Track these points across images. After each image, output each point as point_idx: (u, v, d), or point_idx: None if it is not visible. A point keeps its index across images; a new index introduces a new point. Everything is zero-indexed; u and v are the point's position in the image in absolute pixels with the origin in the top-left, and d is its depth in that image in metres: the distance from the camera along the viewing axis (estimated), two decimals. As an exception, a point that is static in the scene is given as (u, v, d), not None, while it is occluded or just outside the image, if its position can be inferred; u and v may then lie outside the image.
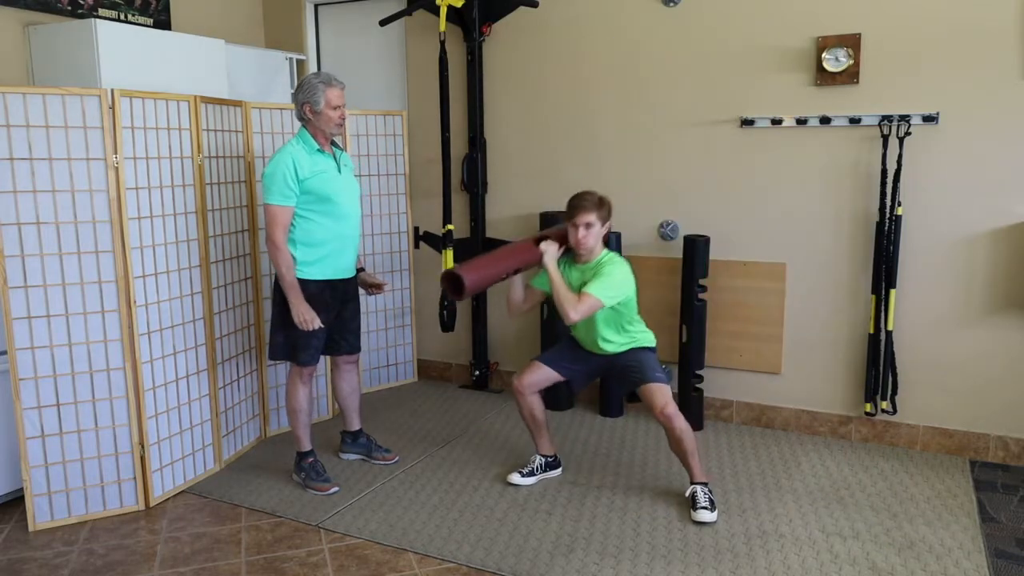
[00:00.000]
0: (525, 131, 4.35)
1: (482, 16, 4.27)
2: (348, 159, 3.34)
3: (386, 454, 3.57)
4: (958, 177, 3.44)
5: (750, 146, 3.80)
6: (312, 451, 3.37)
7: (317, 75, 3.10)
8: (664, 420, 3.03)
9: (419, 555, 2.80)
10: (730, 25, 3.77)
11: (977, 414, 3.53)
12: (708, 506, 2.99)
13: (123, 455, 3.13)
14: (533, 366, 3.30)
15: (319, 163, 3.12)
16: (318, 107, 3.06)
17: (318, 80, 3.07)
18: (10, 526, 3.07)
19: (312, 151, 3.12)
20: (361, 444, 3.60)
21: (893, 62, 3.48)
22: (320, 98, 3.05)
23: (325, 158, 3.15)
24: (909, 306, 3.58)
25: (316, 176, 3.09)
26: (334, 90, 3.08)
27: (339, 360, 3.48)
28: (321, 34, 5.01)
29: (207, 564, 2.77)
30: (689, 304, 3.82)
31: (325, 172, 3.13)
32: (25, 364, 2.93)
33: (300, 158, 3.07)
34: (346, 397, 3.55)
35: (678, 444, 3.05)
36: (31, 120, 2.85)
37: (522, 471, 3.34)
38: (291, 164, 3.05)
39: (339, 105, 3.09)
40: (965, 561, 2.69)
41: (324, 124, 3.10)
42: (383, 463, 3.54)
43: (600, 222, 3.09)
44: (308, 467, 3.33)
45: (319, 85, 3.06)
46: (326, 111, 3.07)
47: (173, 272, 3.26)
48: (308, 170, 3.08)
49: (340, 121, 3.11)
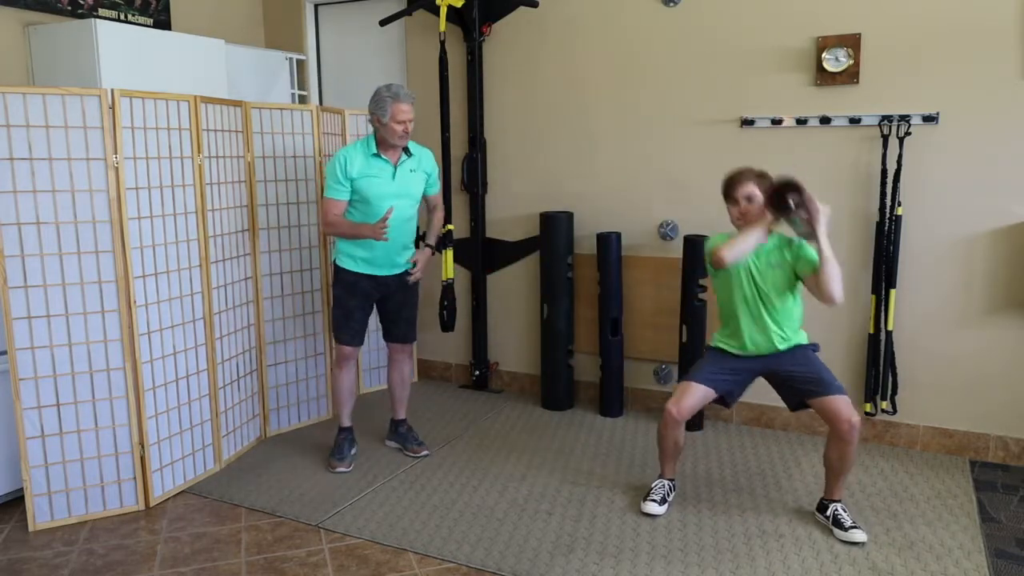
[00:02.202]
0: (525, 131, 4.35)
1: (482, 16, 4.27)
2: (422, 161, 3.43)
3: (417, 447, 3.65)
4: (958, 177, 3.44)
5: (750, 146, 3.80)
6: (347, 428, 3.60)
7: (389, 88, 3.23)
8: (850, 435, 2.74)
9: (419, 555, 2.80)
10: (730, 25, 3.77)
11: (977, 414, 3.53)
12: (856, 524, 2.84)
13: (123, 455, 3.13)
14: (687, 388, 2.92)
15: (372, 166, 3.29)
16: (384, 119, 3.21)
17: (388, 94, 3.20)
18: (10, 526, 3.07)
19: (369, 154, 3.29)
20: (400, 434, 3.72)
21: (893, 62, 3.48)
22: (387, 111, 3.20)
23: (381, 163, 3.30)
24: (909, 306, 3.58)
25: (364, 178, 3.27)
26: (401, 104, 3.20)
27: (391, 348, 3.66)
28: (321, 34, 5.01)
29: (207, 564, 2.77)
30: (689, 304, 3.82)
31: (375, 176, 3.28)
32: (25, 364, 2.93)
33: (353, 157, 3.28)
34: (394, 386, 3.70)
35: (844, 459, 2.81)
36: (31, 120, 2.85)
37: (655, 499, 3.05)
38: (343, 161, 3.26)
39: (404, 120, 3.22)
40: (965, 561, 2.69)
41: (388, 134, 3.24)
42: (412, 455, 3.63)
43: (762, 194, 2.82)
44: (336, 441, 3.59)
45: (388, 99, 3.19)
46: (391, 124, 3.21)
47: (173, 272, 3.26)
48: (358, 171, 3.27)
49: (403, 134, 3.25)
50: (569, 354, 4.24)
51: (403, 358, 3.67)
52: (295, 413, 4.04)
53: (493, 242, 4.51)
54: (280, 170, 3.86)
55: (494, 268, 4.56)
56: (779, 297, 2.88)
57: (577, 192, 4.22)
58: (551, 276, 4.16)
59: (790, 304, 2.90)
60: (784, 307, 2.89)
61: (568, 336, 4.22)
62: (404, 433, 3.71)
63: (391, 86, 3.25)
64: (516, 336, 4.55)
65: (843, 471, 2.87)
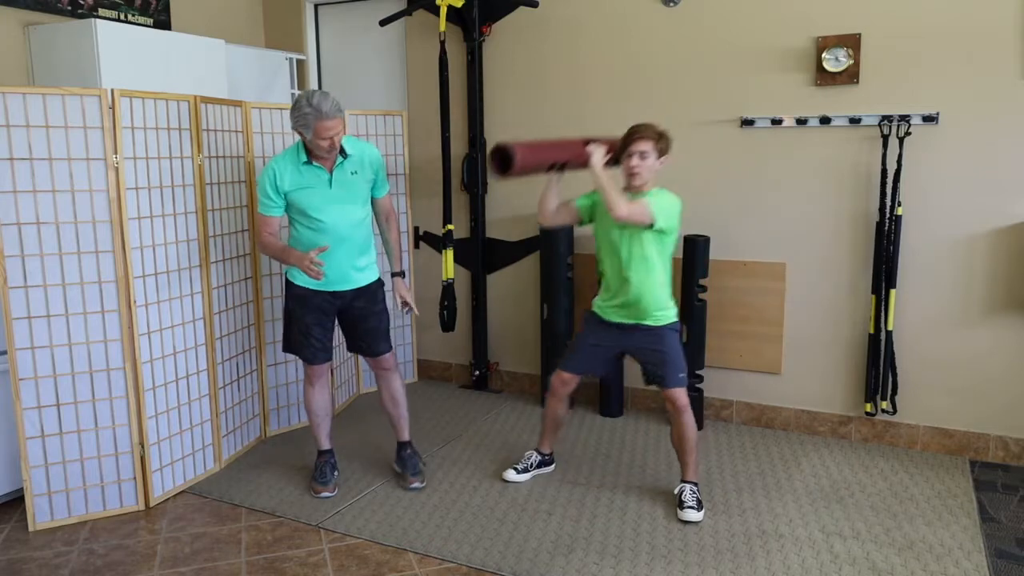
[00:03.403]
0: (525, 131, 4.34)
1: (482, 16, 4.27)
2: (363, 160, 3.12)
3: (412, 477, 3.32)
4: (958, 177, 3.44)
5: (750, 146, 3.80)
6: (326, 451, 3.36)
7: (311, 100, 2.85)
8: (675, 411, 3.03)
9: (419, 555, 2.80)
10: (730, 25, 3.77)
11: (977, 414, 3.53)
12: (695, 505, 3.01)
13: (123, 455, 3.13)
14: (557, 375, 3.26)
15: (305, 176, 3.02)
16: (308, 135, 2.92)
17: (310, 108, 2.85)
18: (10, 526, 3.07)
19: (299, 163, 3.01)
20: (402, 458, 3.41)
21: (893, 62, 3.48)
22: (310, 128, 2.88)
23: (314, 171, 3.02)
24: (909, 306, 3.58)
25: (297, 191, 3.01)
26: (326, 122, 2.86)
27: (369, 364, 3.37)
28: (321, 34, 5.01)
29: (207, 564, 2.77)
30: (689, 304, 3.82)
31: (309, 187, 3.02)
32: (25, 364, 2.93)
33: (283, 169, 3.01)
34: (385, 407, 3.39)
35: (680, 438, 3.07)
36: (31, 120, 2.85)
37: (516, 467, 3.37)
38: (272, 175, 3.01)
39: (329, 136, 2.90)
40: (965, 561, 2.69)
41: (315, 148, 2.97)
42: (404, 487, 3.32)
43: (656, 154, 2.97)
44: (316, 465, 3.36)
45: (310, 115, 2.85)
46: (316, 140, 2.91)
47: (173, 272, 3.26)
48: (290, 183, 3.01)
49: (331, 148, 2.95)
50: (569, 354, 4.24)
51: (385, 375, 3.31)
52: (295, 413, 4.03)
53: (493, 242, 4.50)
54: (280, 170, 3.85)
55: (494, 268, 4.56)
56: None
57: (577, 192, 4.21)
58: (551, 276, 4.16)
59: (657, 259, 3.04)
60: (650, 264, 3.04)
61: (568, 336, 4.21)
62: (406, 458, 3.38)
63: (313, 97, 2.85)
64: (516, 336, 4.55)
65: (685, 449, 3.08)
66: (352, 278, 3.16)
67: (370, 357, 3.31)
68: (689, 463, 3.09)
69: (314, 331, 3.17)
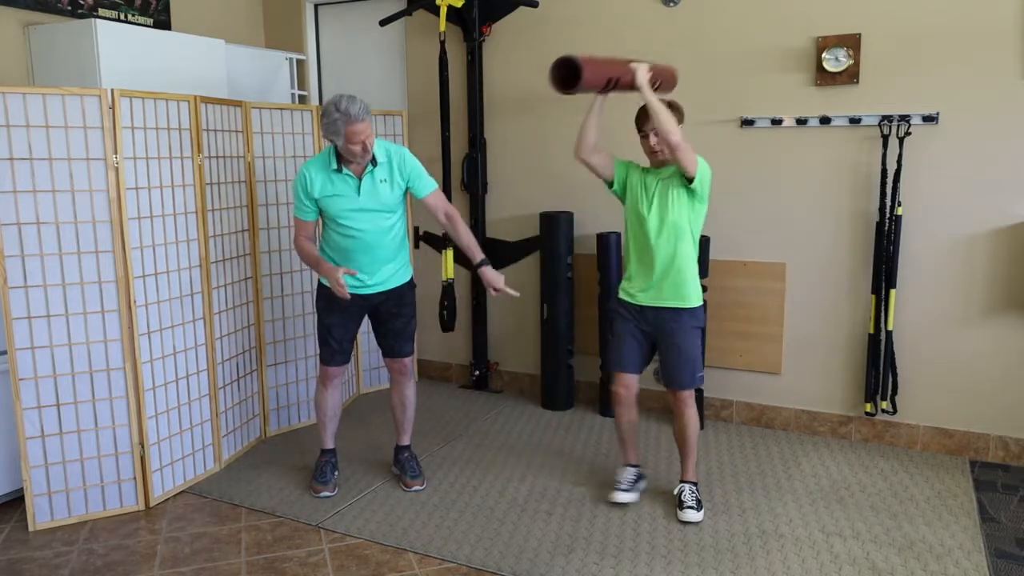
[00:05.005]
0: (525, 131, 4.35)
1: (482, 16, 4.27)
2: (394, 167, 3.07)
3: (411, 479, 3.33)
4: (958, 177, 3.44)
5: (750, 146, 3.80)
6: (328, 451, 3.37)
7: (339, 105, 2.83)
8: (681, 405, 3.03)
9: (419, 555, 2.80)
10: (730, 25, 3.77)
11: (977, 414, 3.53)
12: (695, 505, 3.00)
13: (123, 455, 3.13)
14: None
15: (335, 184, 3.02)
16: (339, 142, 2.90)
17: (339, 114, 2.82)
18: (10, 526, 3.07)
19: (330, 170, 3.02)
20: (399, 462, 3.42)
21: (893, 62, 3.48)
22: (340, 134, 2.86)
23: (344, 179, 3.02)
24: (909, 306, 3.58)
25: (326, 198, 3.03)
26: (355, 125, 2.84)
27: (386, 364, 3.38)
28: (321, 34, 5.01)
29: (207, 564, 2.77)
30: (689, 304, 3.82)
31: (338, 195, 3.02)
32: (25, 364, 2.93)
33: (314, 176, 3.03)
34: (393, 409, 3.41)
35: (683, 432, 3.06)
36: (31, 120, 2.85)
37: (621, 487, 3.14)
38: (304, 180, 3.04)
39: (360, 140, 2.87)
40: (965, 561, 2.69)
41: (346, 154, 2.95)
42: (404, 489, 3.32)
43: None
44: (317, 464, 3.36)
45: (339, 120, 2.83)
46: (347, 146, 2.89)
47: (173, 272, 3.26)
48: (319, 190, 3.03)
49: (363, 152, 2.92)
50: (569, 354, 4.24)
51: (399, 378, 3.34)
52: (295, 413, 4.04)
53: (493, 242, 4.50)
54: (280, 170, 3.86)
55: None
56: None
57: (577, 192, 4.22)
58: (551, 276, 4.16)
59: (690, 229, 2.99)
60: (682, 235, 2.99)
61: (568, 336, 4.22)
62: (403, 461, 3.39)
63: (340, 101, 2.84)
64: (516, 336, 4.55)
65: (686, 446, 3.08)
66: (381, 282, 3.17)
67: (389, 358, 3.34)
68: (689, 462, 3.09)
69: (335, 332, 3.20)
